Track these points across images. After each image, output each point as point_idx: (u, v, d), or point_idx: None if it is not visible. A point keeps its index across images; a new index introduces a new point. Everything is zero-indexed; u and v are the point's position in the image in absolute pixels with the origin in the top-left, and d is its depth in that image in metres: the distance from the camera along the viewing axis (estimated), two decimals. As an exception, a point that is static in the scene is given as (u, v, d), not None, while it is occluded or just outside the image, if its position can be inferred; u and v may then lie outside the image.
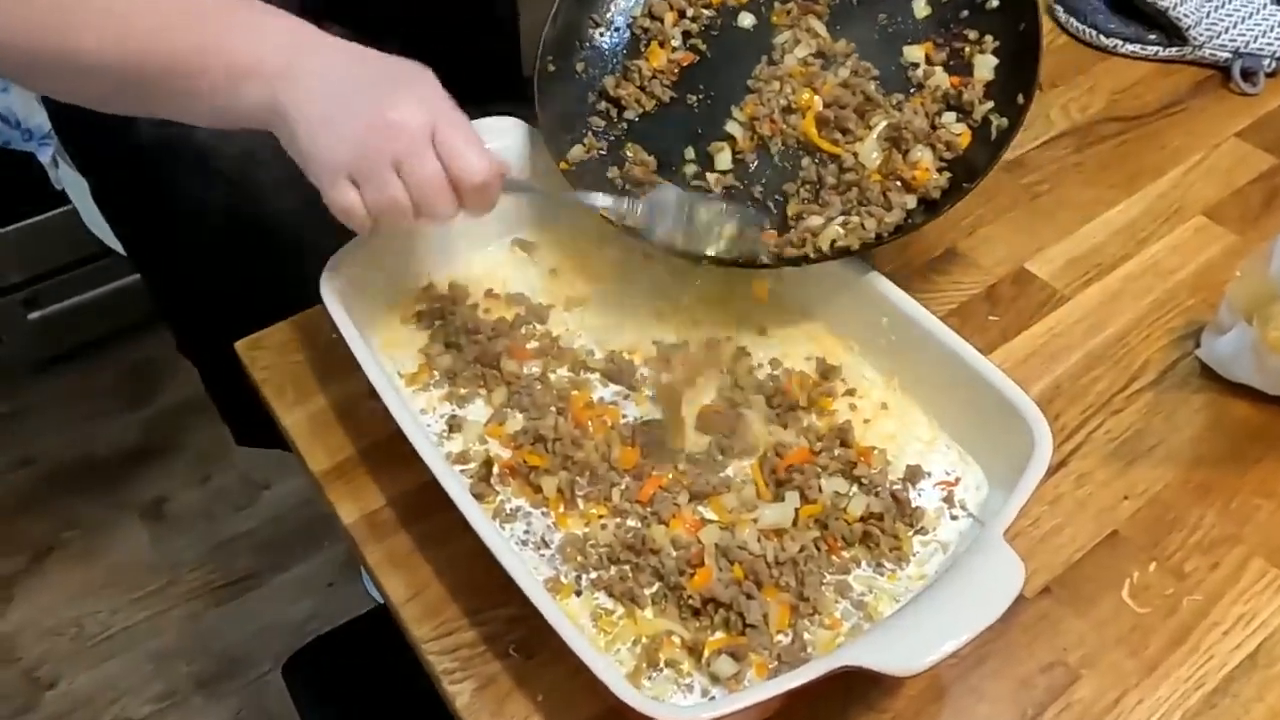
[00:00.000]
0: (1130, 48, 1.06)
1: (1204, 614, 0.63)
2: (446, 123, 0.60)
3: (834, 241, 0.70)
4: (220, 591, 1.64)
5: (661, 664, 0.58)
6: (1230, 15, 1.02)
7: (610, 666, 0.53)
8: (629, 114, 0.80)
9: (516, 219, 0.82)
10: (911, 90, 0.76)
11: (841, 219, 0.71)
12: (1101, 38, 1.06)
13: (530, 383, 0.71)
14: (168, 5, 0.60)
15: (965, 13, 0.77)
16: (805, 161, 0.75)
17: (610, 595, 0.61)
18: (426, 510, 0.67)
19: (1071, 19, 1.08)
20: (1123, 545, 0.67)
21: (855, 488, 0.65)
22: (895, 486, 0.66)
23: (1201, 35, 1.02)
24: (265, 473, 1.77)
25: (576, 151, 0.77)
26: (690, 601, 0.60)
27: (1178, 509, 0.69)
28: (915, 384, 0.70)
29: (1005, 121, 0.72)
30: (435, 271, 0.79)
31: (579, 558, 0.62)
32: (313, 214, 0.70)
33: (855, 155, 0.73)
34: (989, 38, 0.75)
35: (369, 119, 0.58)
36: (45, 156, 1.01)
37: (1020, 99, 0.71)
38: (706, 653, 0.58)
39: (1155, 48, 1.05)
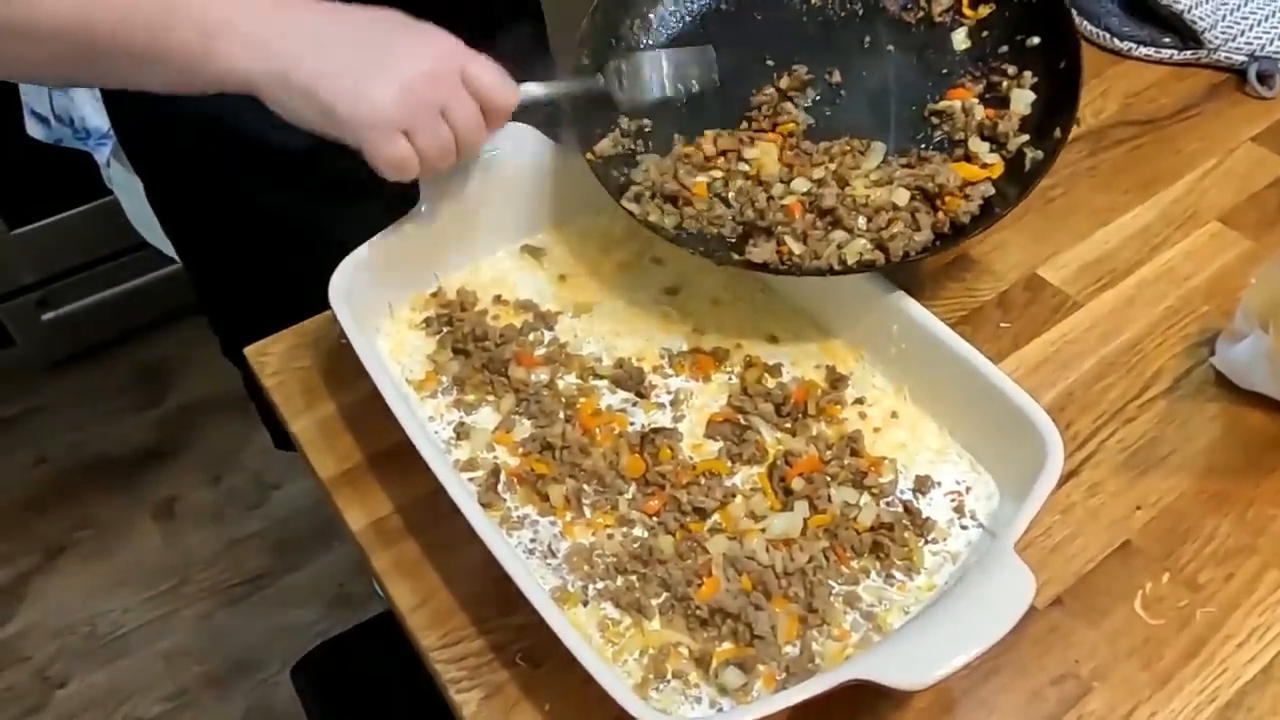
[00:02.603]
0: (1144, 51, 1.05)
1: (1218, 626, 0.63)
2: (471, 61, 0.64)
3: (861, 256, 0.69)
4: (231, 591, 1.65)
5: (669, 675, 0.58)
6: (1246, 18, 1.01)
7: (617, 677, 0.53)
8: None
9: (526, 225, 0.81)
10: (937, 137, 0.76)
11: (870, 235, 0.70)
12: (1115, 41, 1.05)
13: (538, 390, 0.71)
14: None
15: (1005, 48, 0.77)
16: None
17: (617, 605, 0.60)
18: (434, 518, 0.66)
19: (1085, 22, 1.07)
20: (1135, 556, 0.66)
21: (865, 497, 0.65)
22: (905, 496, 0.66)
23: (1217, 38, 1.01)
24: (276, 473, 1.77)
25: (604, 145, 0.76)
26: (698, 612, 0.59)
27: (1191, 519, 0.68)
28: (926, 393, 0.70)
29: (1040, 154, 0.71)
30: (443, 277, 0.79)
31: (586, 567, 0.62)
32: (373, 219, 0.70)
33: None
34: (1028, 73, 0.75)
35: (408, 72, 0.61)
36: (101, 157, 1.01)
37: (1057, 133, 0.71)
38: (714, 664, 0.58)
39: (1170, 51, 1.04)
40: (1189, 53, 1.03)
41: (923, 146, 0.76)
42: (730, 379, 0.73)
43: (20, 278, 1.74)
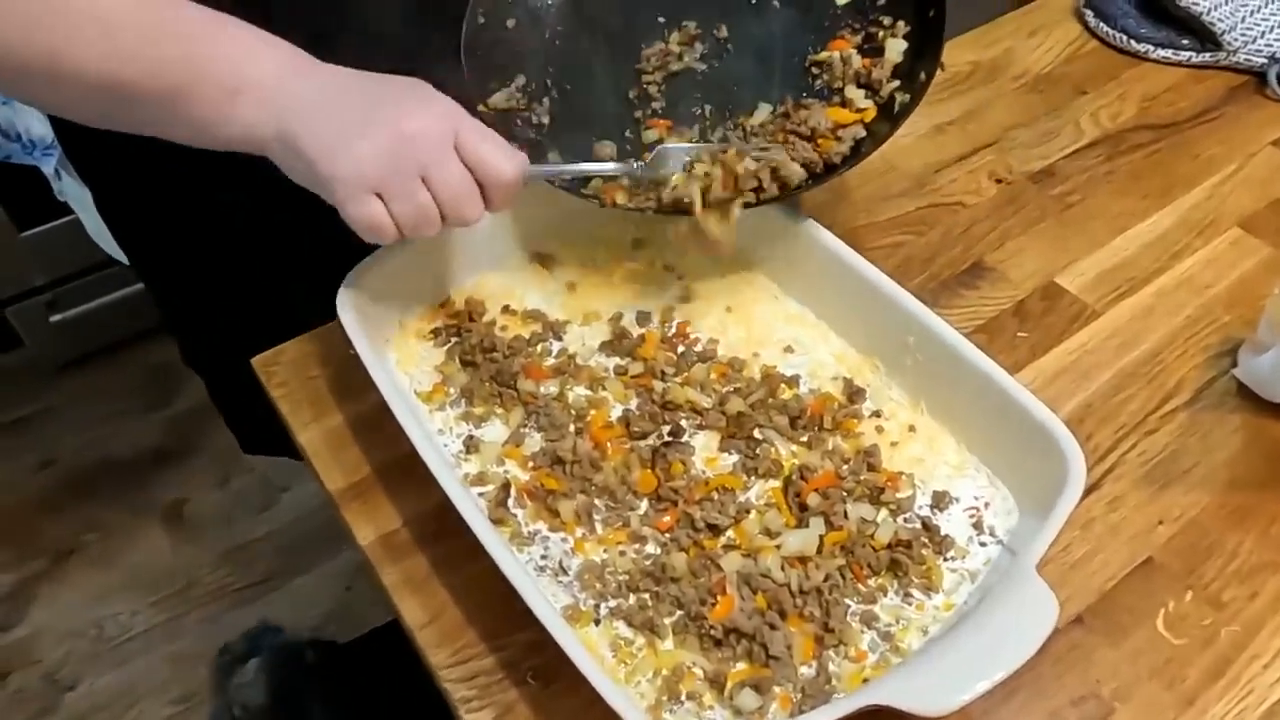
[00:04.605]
0: (1162, 53, 1.03)
1: (1243, 646, 0.61)
2: (466, 127, 0.60)
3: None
4: (239, 594, 1.65)
5: (683, 696, 0.57)
6: (1266, 20, 0.99)
7: (629, 699, 0.52)
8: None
9: (535, 232, 0.80)
10: (817, 86, 0.79)
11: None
12: (1132, 43, 1.04)
13: (548, 402, 0.70)
14: (155, 18, 0.59)
15: (882, 1, 0.80)
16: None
17: (630, 624, 0.59)
18: (444, 532, 0.65)
19: (1101, 23, 1.06)
20: (1157, 573, 0.65)
21: (882, 513, 0.64)
22: (923, 512, 0.65)
23: (1236, 40, 0.99)
24: (284, 476, 1.77)
25: (498, 98, 0.78)
26: (712, 632, 0.58)
27: (1215, 535, 0.67)
28: (943, 405, 0.69)
29: (907, 97, 0.74)
30: (452, 287, 0.78)
31: (597, 585, 0.61)
32: (328, 220, 0.69)
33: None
34: (901, 23, 0.78)
35: (389, 132, 0.58)
36: (48, 168, 0.99)
37: (923, 76, 0.74)
38: (729, 685, 0.57)
39: (1188, 53, 1.02)
40: (1208, 55, 1.02)
41: (803, 95, 0.78)
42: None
43: (29, 279, 1.73)
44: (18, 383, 1.88)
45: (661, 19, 0.83)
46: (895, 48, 0.77)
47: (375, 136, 0.58)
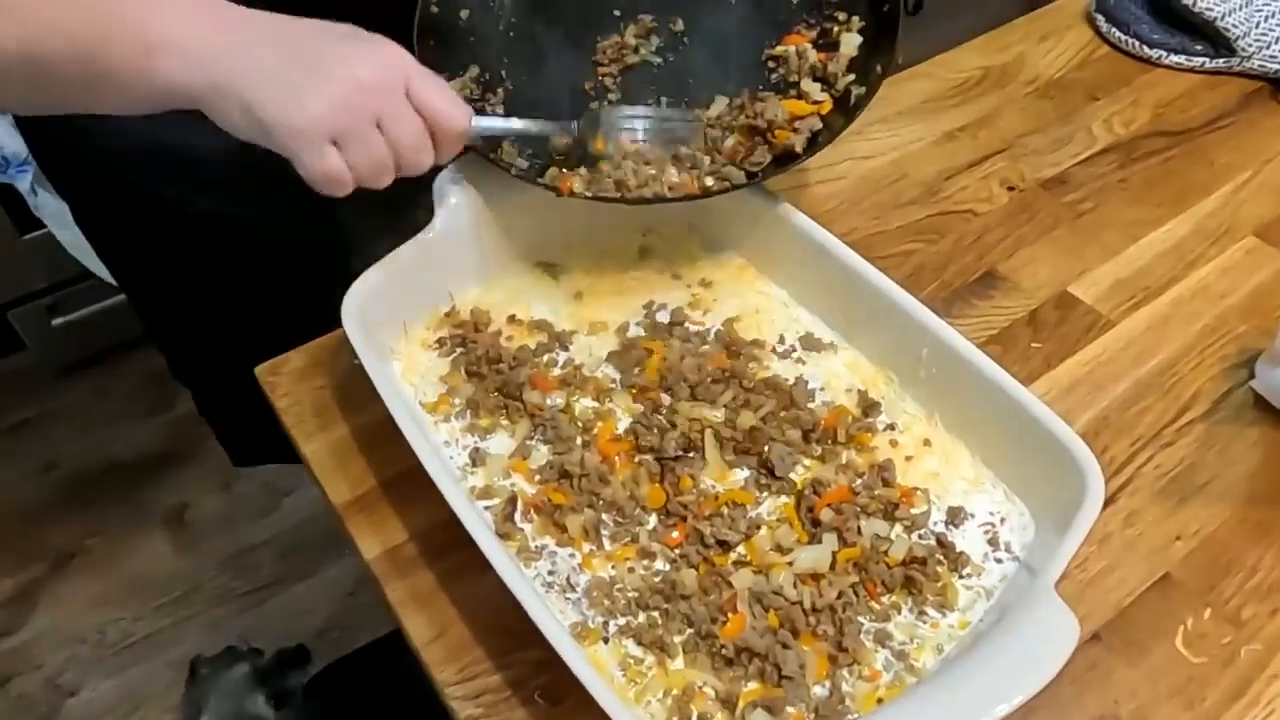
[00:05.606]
0: (1175, 59, 1.02)
1: (1263, 665, 0.60)
2: (417, 75, 0.60)
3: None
4: (242, 599, 1.64)
5: (694, 717, 0.55)
6: (1282, 25, 0.98)
7: (640, 720, 0.51)
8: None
9: (540, 241, 0.79)
10: (773, 80, 0.79)
11: (711, 170, 0.73)
12: (1145, 48, 1.03)
13: (554, 414, 0.69)
14: None
15: None
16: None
17: (639, 643, 0.58)
18: (450, 546, 0.64)
19: (1113, 29, 1.05)
20: (1175, 589, 0.64)
21: (897, 529, 0.63)
22: (938, 528, 0.63)
23: (1250, 46, 0.98)
24: (287, 480, 1.76)
25: (452, 88, 0.76)
26: (723, 651, 0.57)
27: (1233, 550, 0.66)
28: (958, 419, 0.68)
29: (863, 90, 0.74)
30: (457, 296, 0.77)
31: (606, 602, 0.60)
32: (309, 218, 0.67)
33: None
34: (855, 18, 0.79)
35: (343, 79, 0.57)
36: (24, 184, 0.97)
37: (878, 69, 0.74)
38: (741, 705, 0.55)
39: (1202, 59, 1.01)
40: (1221, 61, 1.01)
41: (759, 88, 0.78)
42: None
43: (31, 283, 1.72)
44: (19, 386, 1.88)
45: (617, 12, 0.83)
46: (850, 42, 0.78)
47: (329, 85, 0.57)
